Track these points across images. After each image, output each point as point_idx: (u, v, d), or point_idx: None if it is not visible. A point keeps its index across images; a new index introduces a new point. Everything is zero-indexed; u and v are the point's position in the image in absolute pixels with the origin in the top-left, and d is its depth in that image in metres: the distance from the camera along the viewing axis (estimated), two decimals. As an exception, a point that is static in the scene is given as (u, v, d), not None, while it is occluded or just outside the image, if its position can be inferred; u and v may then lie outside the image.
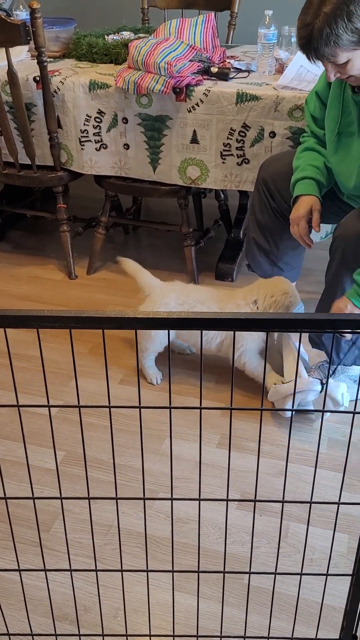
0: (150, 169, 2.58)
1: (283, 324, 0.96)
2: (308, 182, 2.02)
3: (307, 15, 1.67)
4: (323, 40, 1.64)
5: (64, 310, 0.92)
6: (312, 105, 2.07)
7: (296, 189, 2.04)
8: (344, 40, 1.64)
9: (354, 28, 1.63)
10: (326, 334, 2.05)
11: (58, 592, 1.56)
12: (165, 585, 1.57)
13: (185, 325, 0.95)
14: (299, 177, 2.04)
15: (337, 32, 1.62)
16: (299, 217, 2.01)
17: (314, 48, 1.67)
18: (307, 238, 2.04)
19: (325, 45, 1.65)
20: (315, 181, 2.02)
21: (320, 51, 1.67)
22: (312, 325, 0.97)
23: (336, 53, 1.67)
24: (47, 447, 1.96)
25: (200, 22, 2.67)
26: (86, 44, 2.73)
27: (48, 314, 0.92)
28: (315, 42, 1.66)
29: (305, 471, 1.88)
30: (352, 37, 1.64)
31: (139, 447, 1.96)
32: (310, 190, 2.01)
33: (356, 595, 1.21)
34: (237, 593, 1.56)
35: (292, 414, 1.16)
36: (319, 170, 2.03)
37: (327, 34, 1.63)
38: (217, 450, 1.96)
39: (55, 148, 2.64)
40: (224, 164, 2.48)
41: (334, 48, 1.65)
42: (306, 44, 1.69)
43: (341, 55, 1.68)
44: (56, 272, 2.93)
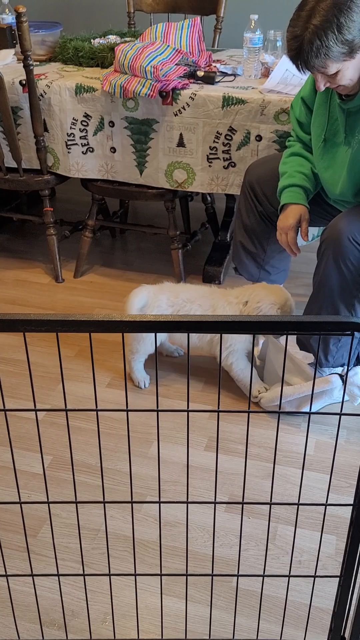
0: (137, 172, 2.59)
1: (270, 327, 0.96)
2: (296, 190, 2.03)
3: (296, 27, 1.67)
4: (313, 52, 1.64)
5: (50, 314, 0.91)
6: (297, 110, 2.08)
7: (283, 197, 2.04)
8: (334, 52, 1.64)
9: (344, 40, 1.63)
10: (314, 337, 2.06)
11: (46, 597, 1.55)
12: (153, 589, 1.56)
13: (172, 328, 0.95)
14: (286, 184, 2.04)
15: (328, 44, 1.63)
16: (288, 227, 2.02)
17: (304, 60, 1.68)
18: (294, 247, 2.05)
19: (316, 57, 1.66)
20: (302, 189, 2.03)
21: (311, 63, 1.68)
22: (299, 328, 0.97)
23: (326, 64, 1.68)
24: (34, 452, 1.96)
25: (186, 26, 2.68)
26: (72, 48, 2.72)
27: (35, 318, 0.92)
28: (305, 54, 1.66)
29: (293, 473, 1.88)
30: (342, 49, 1.65)
31: (126, 451, 1.95)
32: (298, 199, 2.02)
33: (344, 596, 1.21)
34: (225, 596, 1.56)
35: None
36: (306, 177, 2.04)
37: (318, 46, 1.63)
38: (205, 453, 1.96)
39: (41, 151, 2.63)
40: (210, 168, 2.49)
41: (324, 60, 1.66)
42: (296, 56, 1.70)
43: (331, 67, 1.68)
44: (43, 276, 2.92)
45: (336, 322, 0.97)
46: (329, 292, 1.92)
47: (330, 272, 1.90)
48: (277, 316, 0.96)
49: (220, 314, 2.09)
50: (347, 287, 1.89)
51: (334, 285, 1.90)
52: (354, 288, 1.89)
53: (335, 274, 1.89)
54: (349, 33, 1.63)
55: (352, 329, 0.95)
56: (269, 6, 3.19)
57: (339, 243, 1.85)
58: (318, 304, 1.97)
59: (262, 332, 0.96)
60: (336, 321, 0.97)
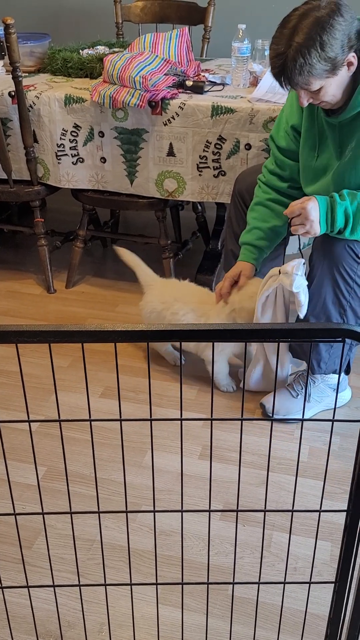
0: (128, 182, 2.59)
1: (262, 334, 0.97)
2: (248, 250, 2.13)
3: (279, 44, 1.68)
4: (297, 69, 1.66)
5: (43, 325, 0.92)
6: (282, 141, 2.05)
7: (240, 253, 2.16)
8: (317, 70, 1.66)
9: (327, 57, 1.64)
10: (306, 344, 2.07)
11: (41, 608, 1.54)
12: (149, 599, 1.56)
13: (165, 337, 0.95)
14: (244, 240, 2.15)
15: (311, 61, 1.64)
16: (225, 276, 2.15)
17: (287, 77, 1.69)
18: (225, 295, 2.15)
19: (299, 75, 1.67)
20: (256, 248, 2.12)
21: (294, 80, 1.69)
22: (290, 335, 0.98)
23: (309, 82, 1.69)
24: (28, 463, 1.95)
25: (175, 36, 2.69)
26: (61, 59, 2.74)
27: (27, 329, 0.92)
28: (288, 72, 1.68)
29: (287, 480, 1.89)
30: (325, 66, 1.66)
31: (120, 460, 1.95)
32: (247, 257, 2.13)
33: (339, 602, 1.22)
34: (221, 604, 1.56)
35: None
36: (263, 234, 2.11)
37: (301, 64, 1.65)
38: (199, 462, 1.96)
39: (31, 162, 2.64)
40: (200, 177, 2.50)
41: (308, 77, 1.68)
42: (279, 73, 1.71)
43: (314, 83, 1.70)
44: (35, 287, 2.92)
45: (327, 329, 0.98)
46: (321, 298, 1.93)
47: (324, 278, 1.91)
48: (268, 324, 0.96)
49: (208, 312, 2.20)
50: (339, 293, 1.90)
51: (327, 292, 1.91)
52: (346, 294, 1.90)
53: (328, 281, 1.90)
54: (331, 50, 1.64)
55: (344, 335, 0.96)
56: (257, 16, 3.22)
57: (334, 250, 1.86)
58: (310, 311, 1.97)
59: (254, 340, 0.96)
60: (327, 328, 0.98)
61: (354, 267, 1.86)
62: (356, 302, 1.91)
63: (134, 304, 2.76)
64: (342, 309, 1.92)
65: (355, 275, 1.87)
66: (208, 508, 1.13)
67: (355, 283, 1.88)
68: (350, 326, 0.95)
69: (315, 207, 1.77)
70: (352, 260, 1.85)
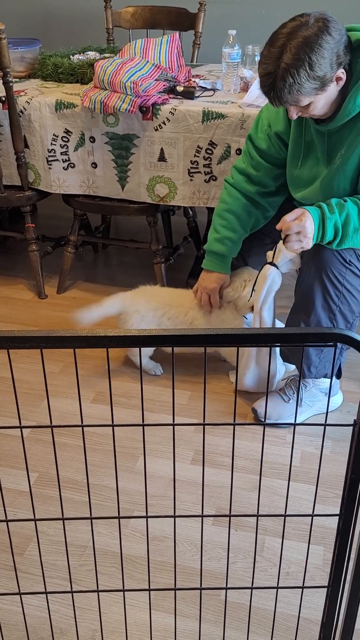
0: (119, 187, 2.60)
1: (253, 339, 0.97)
2: (217, 259, 2.17)
3: (268, 64, 1.70)
4: (286, 89, 1.68)
5: (34, 330, 0.91)
6: (263, 143, 2.05)
7: (207, 260, 2.19)
8: (306, 88, 1.68)
9: (316, 76, 1.66)
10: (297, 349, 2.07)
11: (33, 615, 1.54)
12: (142, 605, 1.56)
13: (157, 342, 0.95)
14: (212, 249, 2.17)
15: (300, 81, 1.66)
16: (212, 290, 2.18)
17: (277, 95, 1.71)
18: (215, 306, 2.21)
19: (289, 93, 1.69)
20: (228, 259, 2.17)
21: (284, 98, 1.71)
22: (282, 340, 0.98)
23: (299, 100, 1.72)
24: (19, 469, 1.94)
25: (165, 41, 2.70)
26: (51, 64, 2.74)
27: (18, 335, 0.92)
28: (278, 91, 1.70)
29: (280, 485, 1.89)
30: (314, 84, 1.68)
31: (112, 466, 1.95)
32: (220, 268, 2.17)
33: (332, 607, 1.22)
34: (214, 609, 1.56)
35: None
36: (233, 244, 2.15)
37: (290, 83, 1.67)
38: (191, 467, 1.96)
39: (22, 168, 2.63)
40: (191, 182, 2.50)
41: (297, 95, 1.70)
42: (269, 92, 1.73)
43: (303, 100, 1.73)
44: (26, 292, 2.91)
45: (319, 334, 0.98)
46: (311, 303, 1.93)
47: (313, 283, 1.91)
48: (260, 329, 0.96)
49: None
50: (329, 298, 1.91)
51: (316, 297, 1.92)
52: (335, 299, 1.90)
53: (318, 285, 1.90)
54: (320, 70, 1.66)
55: (335, 340, 0.96)
56: (247, 21, 3.24)
57: (322, 254, 1.87)
58: (300, 316, 1.98)
59: (246, 345, 0.97)
60: (319, 332, 0.98)
61: (342, 272, 1.87)
62: (345, 306, 1.92)
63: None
64: (332, 314, 1.93)
65: (344, 279, 1.88)
66: (201, 513, 1.13)
67: (344, 287, 1.89)
68: (342, 331, 0.95)
69: (312, 223, 1.78)
70: (340, 265, 1.86)
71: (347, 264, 1.86)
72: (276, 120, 2.01)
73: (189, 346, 0.92)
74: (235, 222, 2.13)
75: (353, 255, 1.87)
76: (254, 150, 2.09)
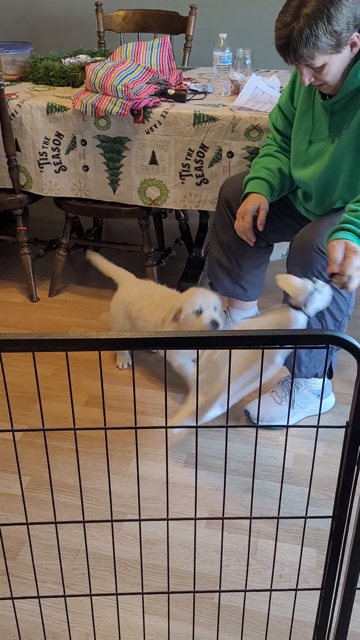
0: (110, 190, 2.59)
1: (245, 341, 0.97)
2: (259, 182, 2.09)
3: (286, 15, 1.69)
4: (303, 41, 1.67)
5: (26, 333, 0.91)
6: (274, 117, 2.14)
7: (247, 186, 2.11)
8: (323, 43, 1.67)
9: (333, 31, 1.66)
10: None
11: (26, 620, 1.53)
12: (135, 609, 1.55)
13: (149, 345, 0.95)
14: (251, 176, 2.11)
15: (317, 33, 1.66)
16: (245, 211, 2.07)
17: (292, 49, 1.70)
18: (249, 233, 2.09)
19: (305, 46, 1.68)
20: (266, 182, 2.08)
21: (299, 52, 1.69)
22: (274, 342, 0.98)
23: (314, 55, 1.70)
24: (11, 473, 1.94)
25: (156, 45, 2.70)
26: (43, 67, 2.73)
27: (10, 337, 0.91)
28: (294, 43, 1.68)
29: (273, 487, 1.89)
30: (330, 41, 1.68)
31: (105, 469, 1.94)
32: (260, 189, 2.07)
33: (326, 609, 1.22)
34: (207, 613, 1.55)
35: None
36: (272, 173, 2.09)
37: (307, 35, 1.66)
38: (184, 469, 1.96)
39: (13, 171, 2.63)
40: (183, 184, 2.50)
41: (313, 50, 1.69)
42: (285, 45, 1.71)
43: (318, 58, 1.71)
44: (17, 295, 2.91)
45: (311, 335, 0.98)
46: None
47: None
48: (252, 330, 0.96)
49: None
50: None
51: None
52: None
53: None
54: (337, 25, 1.66)
55: (326, 341, 0.96)
56: (238, 25, 3.24)
57: (306, 253, 1.87)
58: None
59: (239, 347, 0.96)
60: (311, 334, 0.98)
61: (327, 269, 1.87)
62: (333, 305, 1.92)
63: (117, 312, 2.76)
64: (320, 313, 1.93)
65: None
66: (194, 516, 1.13)
67: (331, 286, 1.89)
68: (333, 332, 0.96)
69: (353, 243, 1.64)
70: (325, 261, 1.86)
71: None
72: (283, 94, 2.04)
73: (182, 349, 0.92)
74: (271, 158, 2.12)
75: None
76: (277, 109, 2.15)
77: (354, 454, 1.04)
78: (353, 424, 1.02)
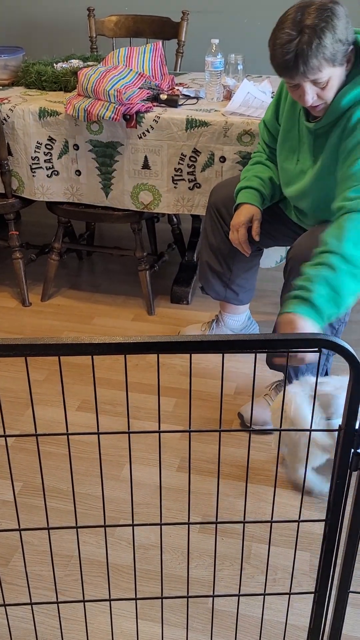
0: (103, 195, 2.59)
1: (239, 345, 0.97)
2: (251, 192, 2.09)
3: (285, 30, 1.65)
4: (312, 51, 1.63)
5: (18, 338, 0.91)
6: (261, 130, 2.16)
7: (239, 197, 2.11)
8: (330, 53, 1.65)
9: (339, 40, 1.65)
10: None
11: (18, 627, 1.52)
12: (128, 614, 1.55)
13: (142, 349, 0.95)
14: (243, 186, 2.11)
15: (325, 43, 1.63)
16: (239, 224, 2.08)
17: (303, 61, 1.65)
18: (245, 245, 2.10)
19: (315, 57, 1.64)
20: (258, 192, 2.09)
21: (310, 64, 1.65)
22: (268, 346, 0.98)
23: (323, 66, 1.67)
24: (3, 478, 1.93)
25: (149, 50, 2.71)
26: (35, 72, 2.73)
27: (2, 342, 0.91)
28: (305, 55, 1.64)
29: (266, 491, 1.89)
30: (336, 50, 1.66)
31: (98, 474, 1.94)
32: (252, 199, 2.08)
33: (319, 612, 1.22)
34: (201, 617, 1.55)
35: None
36: (264, 183, 2.10)
37: (317, 45, 1.63)
38: (177, 474, 1.95)
39: (5, 175, 2.63)
40: (175, 189, 2.51)
41: (322, 60, 1.65)
42: (293, 59, 1.65)
43: (326, 71, 1.68)
44: (10, 300, 2.90)
45: (304, 340, 0.99)
46: None
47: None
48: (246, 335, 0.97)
49: None
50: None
51: None
52: None
53: None
54: (341, 33, 1.65)
55: (320, 345, 0.96)
56: (230, 31, 3.25)
57: (304, 262, 1.87)
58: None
59: (232, 352, 0.97)
60: (304, 338, 0.99)
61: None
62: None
63: (110, 316, 2.76)
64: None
65: None
66: (187, 520, 1.12)
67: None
68: (326, 336, 0.96)
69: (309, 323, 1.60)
70: None
71: None
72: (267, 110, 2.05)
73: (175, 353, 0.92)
74: (262, 167, 2.13)
75: None
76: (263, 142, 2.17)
77: (347, 458, 1.04)
78: (346, 428, 1.02)
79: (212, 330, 2.49)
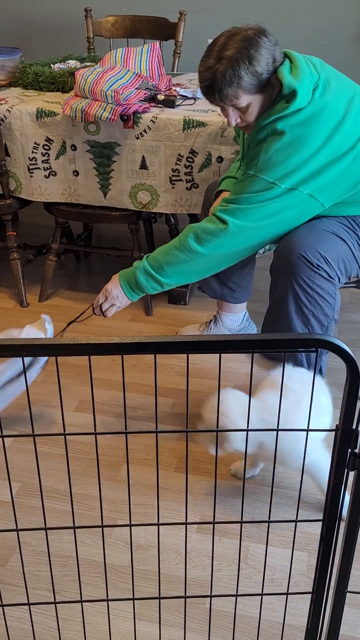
0: (101, 195, 2.59)
1: (236, 345, 0.97)
2: (231, 181, 2.15)
3: (210, 59, 1.77)
4: (227, 81, 1.75)
5: (16, 339, 0.91)
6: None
7: (221, 185, 2.19)
8: (246, 83, 1.75)
9: (255, 71, 1.75)
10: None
11: (16, 628, 1.52)
12: (126, 615, 1.55)
13: (139, 350, 0.95)
14: (225, 176, 2.19)
15: (240, 73, 1.74)
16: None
17: (217, 89, 1.77)
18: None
19: (229, 86, 1.76)
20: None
21: (224, 92, 1.77)
22: (265, 346, 0.98)
23: (238, 94, 1.78)
24: (1, 479, 1.93)
25: (146, 50, 2.71)
26: (32, 73, 2.73)
27: (0, 343, 0.91)
28: (218, 84, 1.76)
29: (263, 491, 1.89)
30: (253, 80, 1.76)
31: (95, 475, 1.94)
32: (230, 187, 2.11)
33: (317, 613, 1.22)
34: (199, 618, 1.55)
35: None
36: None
37: (231, 75, 1.74)
38: (174, 474, 1.95)
39: (3, 176, 2.62)
40: (173, 189, 2.51)
41: (237, 89, 1.76)
42: (210, 86, 1.79)
43: (243, 98, 1.79)
44: (7, 300, 2.90)
45: (300, 339, 0.99)
46: (284, 310, 1.95)
47: (284, 290, 1.94)
48: (243, 335, 0.97)
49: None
50: (301, 303, 1.93)
51: (289, 303, 1.94)
52: (307, 304, 1.92)
53: (289, 292, 1.92)
54: (258, 65, 1.75)
55: (315, 345, 0.97)
56: (227, 31, 3.25)
57: (290, 260, 1.89)
58: (273, 321, 2.00)
59: (229, 352, 0.97)
60: (301, 338, 0.99)
61: (311, 276, 1.89)
62: (319, 310, 1.94)
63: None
64: (305, 318, 1.95)
65: (314, 283, 1.90)
66: (184, 521, 1.12)
67: (315, 291, 1.91)
68: (322, 335, 0.96)
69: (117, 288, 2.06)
70: (308, 269, 1.88)
71: (315, 268, 1.88)
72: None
73: (171, 353, 0.92)
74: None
75: (321, 259, 1.89)
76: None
77: (344, 458, 1.04)
78: (343, 428, 1.02)
79: (209, 330, 2.49)
